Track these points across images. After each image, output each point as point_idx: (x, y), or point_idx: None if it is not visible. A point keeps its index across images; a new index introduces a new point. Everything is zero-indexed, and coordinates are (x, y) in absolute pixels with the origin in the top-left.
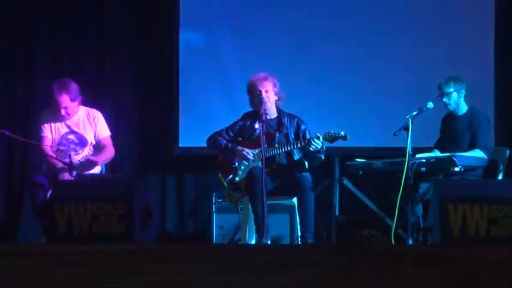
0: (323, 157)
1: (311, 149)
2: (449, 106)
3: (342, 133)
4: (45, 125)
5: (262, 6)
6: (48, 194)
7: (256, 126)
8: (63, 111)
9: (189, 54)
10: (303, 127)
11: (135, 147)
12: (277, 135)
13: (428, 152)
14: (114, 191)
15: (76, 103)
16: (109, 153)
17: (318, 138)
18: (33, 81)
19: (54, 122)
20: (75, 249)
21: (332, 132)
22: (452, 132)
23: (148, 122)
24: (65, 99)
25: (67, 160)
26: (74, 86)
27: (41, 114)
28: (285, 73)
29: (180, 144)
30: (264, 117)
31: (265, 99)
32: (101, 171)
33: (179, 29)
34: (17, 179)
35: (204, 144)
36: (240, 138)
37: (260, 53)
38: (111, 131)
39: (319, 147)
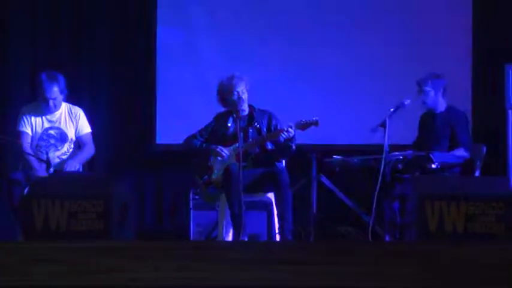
0: (293, 146)
1: (283, 136)
2: (425, 103)
3: (314, 118)
4: (25, 120)
5: (239, 2)
6: (25, 191)
7: (229, 124)
8: (51, 103)
9: (167, 50)
10: (274, 121)
11: (113, 144)
12: (250, 130)
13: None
14: (91, 188)
15: (62, 96)
16: (89, 151)
17: (291, 126)
18: (9, 79)
19: (35, 116)
20: (52, 246)
21: (304, 119)
22: (431, 130)
23: (125, 119)
24: (55, 90)
25: (44, 157)
26: (62, 78)
27: (23, 108)
28: (263, 70)
29: (158, 141)
30: (239, 115)
31: (244, 100)
32: (78, 168)
33: (156, 26)
34: None
35: (181, 141)
36: (214, 139)
37: (238, 49)
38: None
39: (291, 135)
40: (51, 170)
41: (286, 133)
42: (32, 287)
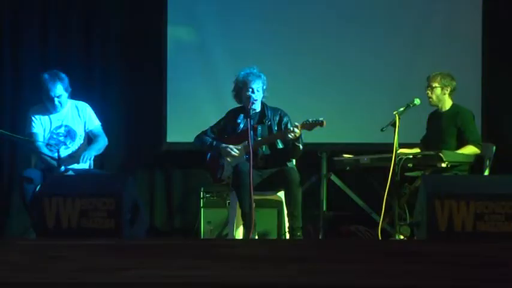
0: (301, 146)
1: (290, 136)
2: (430, 99)
3: (320, 119)
4: (35, 120)
5: (249, 2)
6: (37, 189)
7: (239, 121)
8: (56, 100)
9: (177, 50)
10: (285, 119)
11: (123, 143)
12: (260, 128)
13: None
14: (103, 186)
15: (67, 94)
16: (102, 142)
17: (297, 127)
18: (21, 78)
19: (43, 116)
20: (64, 243)
21: (310, 120)
22: (437, 129)
23: (136, 118)
24: (59, 88)
25: (56, 155)
26: (65, 77)
27: (31, 110)
28: (273, 68)
29: (168, 140)
30: (251, 112)
31: (255, 97)
32: (90, 165)
33: (167, 26)
34: (6, 173)
35: (192, 140)
36: (225, 136)
37: (247, 48)
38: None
39: (297, 135)
40: (63, 168)
41: (292, 133)
42: (43, 284)
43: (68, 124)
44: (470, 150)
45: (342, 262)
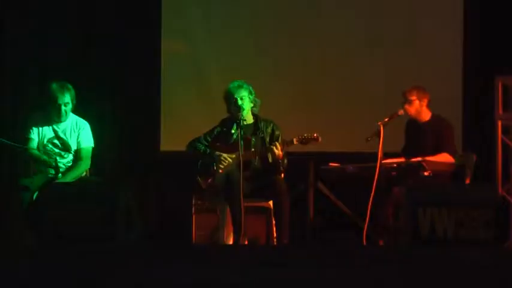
0: (285, 160)
1: (270, 157)
2: (408, 112)
3: (315, 135)
4: (33, 127)
5: (240, 14)
6: (34, 196)
7: (233, 131)
8: (63, 109)
9: (171, 62)
10: (277, 133)
11: (118, 151)
12: (253, 139)
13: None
14: (98, 193)
15: (71, 106)
16: (82, 166)
17: (292, 141)
18: (20, 86)
19: (43, 124)
20: (60, 250)
21: (305, 134)
22: (417, 138)
23: (131, 127)
24: (67, 97)
25: (53, 164)
26: (72, 88)
27: (31, 115)
28: (262, 80)
29: (161, 148)
30: (241, 123)
31: (242, 107)
32: (86, 173)
33: (161, 38)
34: (4, 181)
35: (184, 148)
36: (218, 144)
37: (239, 59)
38: (94, 135)
39: (278, 154)
40: (60, 176)
41: (272, 153)
42: None
43: (65, 137)
44: (444, 157)
45: (328, 267)
